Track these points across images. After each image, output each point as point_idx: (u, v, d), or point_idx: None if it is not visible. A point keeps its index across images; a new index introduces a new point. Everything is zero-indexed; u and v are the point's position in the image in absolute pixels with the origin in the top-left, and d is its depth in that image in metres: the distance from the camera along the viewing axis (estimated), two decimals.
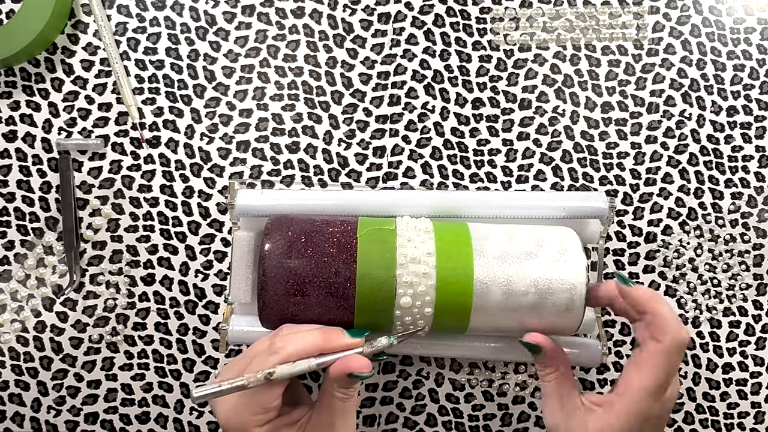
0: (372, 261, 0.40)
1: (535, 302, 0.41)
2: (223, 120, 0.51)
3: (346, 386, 0.38)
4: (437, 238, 0.42)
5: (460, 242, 0.41)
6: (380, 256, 0.40)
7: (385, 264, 0.40)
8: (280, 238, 0.41)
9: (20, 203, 0.50)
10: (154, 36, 0.51)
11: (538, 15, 0.51)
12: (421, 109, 0.51)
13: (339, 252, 0.41)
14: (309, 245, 0.41)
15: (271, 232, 0.42)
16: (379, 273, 0.40)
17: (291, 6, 0.51)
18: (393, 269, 0.40)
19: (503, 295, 0.41)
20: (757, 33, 0.51)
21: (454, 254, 0.41)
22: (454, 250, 0.41)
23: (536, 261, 0.41)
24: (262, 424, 0.38)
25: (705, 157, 0.51)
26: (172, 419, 0.50)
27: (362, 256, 0.40)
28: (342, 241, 0.41)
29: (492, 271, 0.41)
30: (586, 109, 0.51)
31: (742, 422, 0.51)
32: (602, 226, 0.47)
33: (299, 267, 0.40)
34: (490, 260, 0.41)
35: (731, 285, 0.51)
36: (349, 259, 0.40)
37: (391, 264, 0.40)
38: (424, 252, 0.41)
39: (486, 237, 0.42)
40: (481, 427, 0.51)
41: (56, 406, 0.50)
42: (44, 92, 0.50)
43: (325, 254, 0.41)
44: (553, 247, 0.42)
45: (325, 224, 0.42)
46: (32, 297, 0.50)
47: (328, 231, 0.42)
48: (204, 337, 0.50)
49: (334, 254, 0.41)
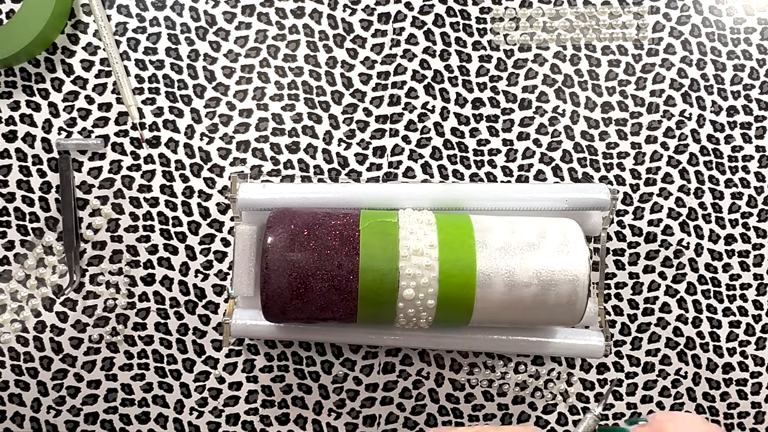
0: (375, 253, 0.40)
1: (538, 294, 0.41)
2: (223, 120, 0.51)
3: None
4: (440, 230, 0.42)
5: (462, 234, 0.42)
6: (383, 249, 0.41)
7: (387, 256, 0.40)
8: (283, 231, 0.41)
9: (20, 203, 0.50)
10: (154, 36, 0.51)
11: (538, 15, 0.51)
12: (421, 109, 0.51)
13: (342, 245, 0.41)
14: (312, 238, 0.41)
15: (274, 225, 0.42)
16: (382, 265, 0.40)
17: (291, 6, 0.51)
18: (396, 261, 0.40)
19: (506, 287, 0.41)
20: (757, 33, 0.51)
21: (457, 246, 0.41)
22: (456, 242, 0.41)
23: (539, 252, 0.41)
24: None
25: (705, 157, 0.51)
26: (172, 419, 0.50)
27: (365, 249, 0.41)
28: (344, 234, 0.41)
29: (495, 263, 0.41)
30: (586, 109, 0.51)
31: (742, 422, 0.51)
32: (605, 217, 0.47)
33: (302, 260, 0.40)
34: (492, 252, 0.41)
35: (731, 285, 0.51)
36: (351, 251, 0.40)
37: (394, 256, 0.40)
38: (426, 244, 0.41)
39: (488, 229, 0.42)
40: None
41: (56, 406, 0.50)
42: (44, 92, 0.50)
43: (327, 247, 0.41)
44: (556, 238, 0.42)
45: (327, 217, 0.42)
46: (32, 297, 0.50)
47: (331, 224, 0.42)
48: (204, 337, 0.50)
49: (336, 247, 0.41)
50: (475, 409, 0.51)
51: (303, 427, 0.50)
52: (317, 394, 0.50)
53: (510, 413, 0.51)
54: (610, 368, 0.51)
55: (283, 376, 0.50)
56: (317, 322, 0.43)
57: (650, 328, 0.51)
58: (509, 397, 0.51)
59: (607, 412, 0.51)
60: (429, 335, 0.47)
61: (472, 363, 0.51)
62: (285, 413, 0.50)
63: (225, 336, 0.46)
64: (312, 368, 0.50)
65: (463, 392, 0.51)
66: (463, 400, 0.51)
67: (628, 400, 0.51)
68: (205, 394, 0.50)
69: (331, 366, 0.50)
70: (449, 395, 0.51)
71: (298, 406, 0.50)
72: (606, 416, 0.50)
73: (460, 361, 0.51)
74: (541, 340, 0.47)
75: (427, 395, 0.51)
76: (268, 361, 0.50)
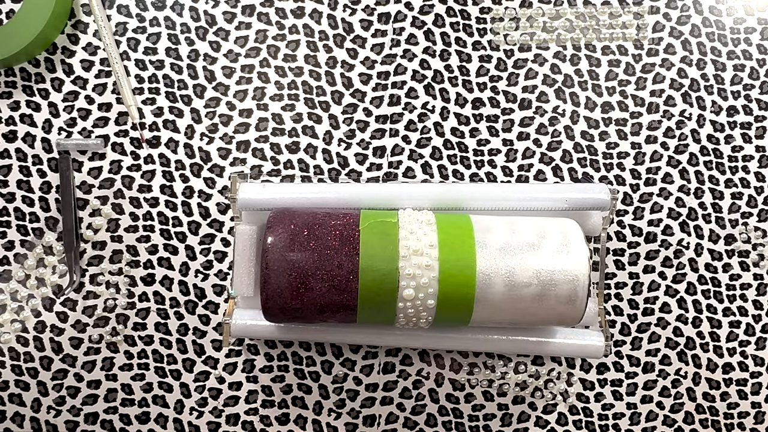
0: (374, 253, 0.40)
1: (538, 294, 0.41)
2: (223, 120, 0.51)
3: None
4: (440, 230, 0.42)
5: (462, 234, 0.42)
6: (383, 249, 0.41)
7: (387, 256, 0.40)
8: (283, 231, 0.41)
9: (20, 203, 0.50)
10: (154, 36, 0.51)
11: (538, 15, 0.51)
12: (421, 109, 0.51)
13: (341, 245, 0.41)
14: (311, 238, 0.41)
15: (274, 225, 0.42)
16: (382, 265, 0.40)
17: (291, 6, 0.51)
18: (396, 261, 0.40)
19: (506, 287, 0.41)
20: (757, 33, 0.51)
21: (457, 246, 0.41)
22: (456, 242, 0.41)
23: (539, 252, 0.41)
24: None
25: (705, 157, 0.51)
26: (172, 419, 0.50)
27: (365, 249, 0.41)
28: (344, 234, 0.41)
29: (494, 263, 0.41)
30: (586, 109, 0.51)
31: (742, 422, 0.51)
32: (604, 217, 0.47)
33: (302, 260, 0.40)
34: (492, 252, 0.41)
35: (731, 285, 0.51)
36: (351, 251, 0.40)
37: (394, 256, 0.40)
38: (426, 244, 0.41)
39: (488, 229, 0.42)
40: (481, 427, 0.51)
41: (56, 406, 0.50)
42: (44, 92, 0.50)
43: (327, 247, 0.41)
44: (556, 238, 0.42)
45: (327, 217, 0.42)
46: (32, 297, 0.50)
47: (331, 224, 0.42)
48: (204, 337, 0.50)
49: (336, 247, 0.41)
50: (475, 409, 0.51)
51: (303, 427, 0.50)
52: (317, 394, 0.50)
53: (510, 413, 0.51)
54: (610, 368, 0.51)
55: (283, 376, 0.50)
56: (317, 322, 0.43)
57: (650, 328, 0.51)
58: (509, 397, 0.51)
59: (607, 412, 0.51)
60: (429, 335, 0.47)
61: (472, 363, 0.51)
62: (285, 413, 0.50)
63: (225, 336, 0.46)
64: (312, 368, 0.50)
65: (463, 392, 0.51)
66: (463, 400, 0.51)
67: (628, 400, 0.51)
68: (205, 394, 0.50)
69: (331, 366, 0.50)
70: (449, 395, 0.51)
71: (298, 406, 0.50)
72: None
73: (460, 361, 0.51)
74: (541, 340, 0.47)
75: (427, 395, 0.51)
76: (268, 361, 0.50)
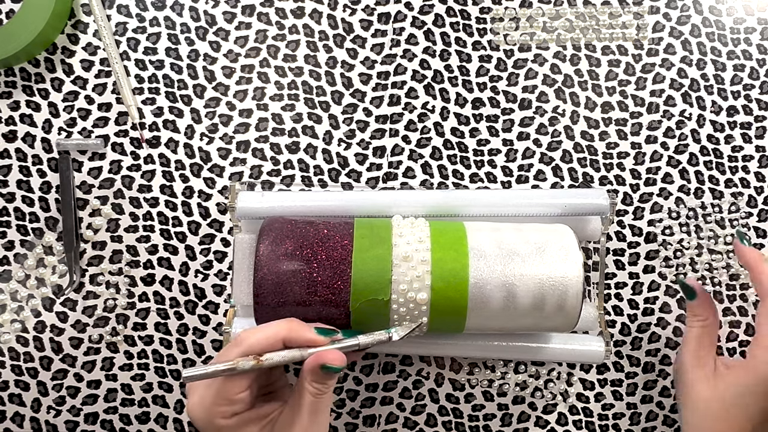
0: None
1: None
2: (223, 120, 0.51)
3: (320, 380, 0.38)
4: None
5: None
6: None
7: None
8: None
9: (20, 203, 0.50)
10: (154, 36, 0.51)
11: (538, 15, 0.51)
12: (421, 109, 0.51)
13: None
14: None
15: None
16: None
17: (291, 6, 0.51)
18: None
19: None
20: (757, 33, 0.51)
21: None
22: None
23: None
24: (229, 416, 0.38)
25: (705, 157, 0.51)
26: (172, 419, 0.50)
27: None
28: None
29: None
30: (586, 109, 0.51)
31: None
32: (603, 225, 0.47)
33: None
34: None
35: (731, 285, 0.51)
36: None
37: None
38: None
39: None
40: (481, 427, 0.51)
41: (56, 406, 0.50)
42: (44, 92, 0.50)
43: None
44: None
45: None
46: (32, 297, 0.50)
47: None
48: (204, 338, 0.50)
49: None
50: (475, 409, 0.51)
51: None
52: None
53: (510, 413, 0.51)
54: (610, 368, 0.51)
55: None
56: None
57: (650, 328, 0.51)
58: (509, 397, 0.51)
59: (607, 412, 0.51)
60: (426, 342, 0.47)
61: (472, 363, 0.51)
62: None
63: (225, 344, 0.46)
64: None
65: (463, 392, 0.51)
66: (463, 400, 0.51)
67: (628, 400, 0.51)
68: None
69: None
70: (449, 395, 0.51)
71: None
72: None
73: (460, 361, 0.51)
74: (540, 346, 0.47)
75: (427, 395, 0.51)
76: None
